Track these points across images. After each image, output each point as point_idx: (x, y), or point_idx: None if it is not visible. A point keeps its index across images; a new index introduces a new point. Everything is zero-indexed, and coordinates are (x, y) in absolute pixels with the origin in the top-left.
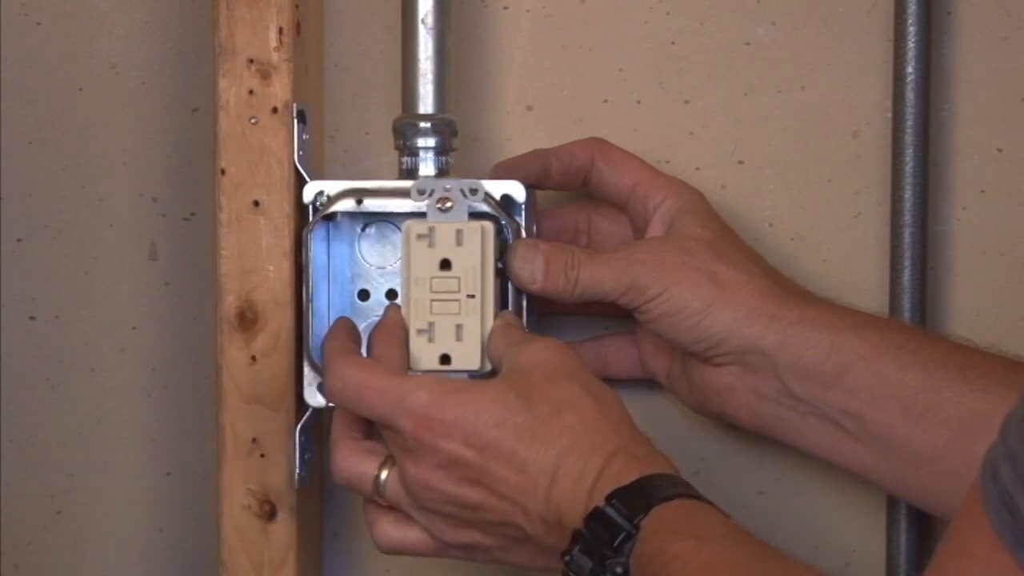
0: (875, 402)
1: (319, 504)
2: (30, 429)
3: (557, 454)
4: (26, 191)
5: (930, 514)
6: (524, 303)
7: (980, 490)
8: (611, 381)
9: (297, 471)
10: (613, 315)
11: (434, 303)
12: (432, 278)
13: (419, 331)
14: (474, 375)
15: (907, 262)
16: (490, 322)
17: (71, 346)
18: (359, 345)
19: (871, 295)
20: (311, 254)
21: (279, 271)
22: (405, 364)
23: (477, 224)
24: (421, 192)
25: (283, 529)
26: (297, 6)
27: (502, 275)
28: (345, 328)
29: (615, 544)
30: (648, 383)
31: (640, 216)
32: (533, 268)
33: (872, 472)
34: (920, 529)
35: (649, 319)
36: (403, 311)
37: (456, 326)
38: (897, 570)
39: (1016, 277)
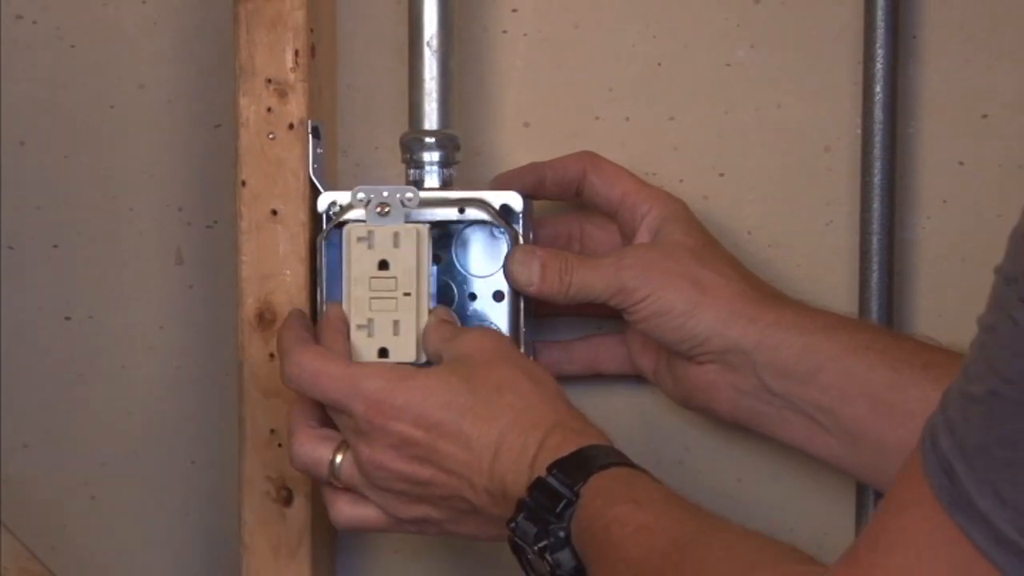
0: (845, 398)
1: None
2: (65, 421)
3: (499, 431)
4: (61, 201)
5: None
6: (521, 304)
7: (920, 456)
8: (602, 376)
9: None
10: (604, 316)
11: (373, 301)
12: (371, 277)
13: (359, 326)
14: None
15: (875, 267)
16: (425, 318)
17: (103, 344)
18: (310, 328)
19: (842, 297)
20: (324, 259)
21: (295, 275)
22: (348, 355)
23: (412, 227)
24: (361, 199)
25: (299, 513)
26: (312, 30)
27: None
28: (300, 318)
29: (557, 511)
30: (637, 378)
31: (628, 224)
32: (530, 272)
33: (843, 462)
34: None
35: (637, 320)
36: (344, 307)
37: (393, 322)
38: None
39: (976, 280)
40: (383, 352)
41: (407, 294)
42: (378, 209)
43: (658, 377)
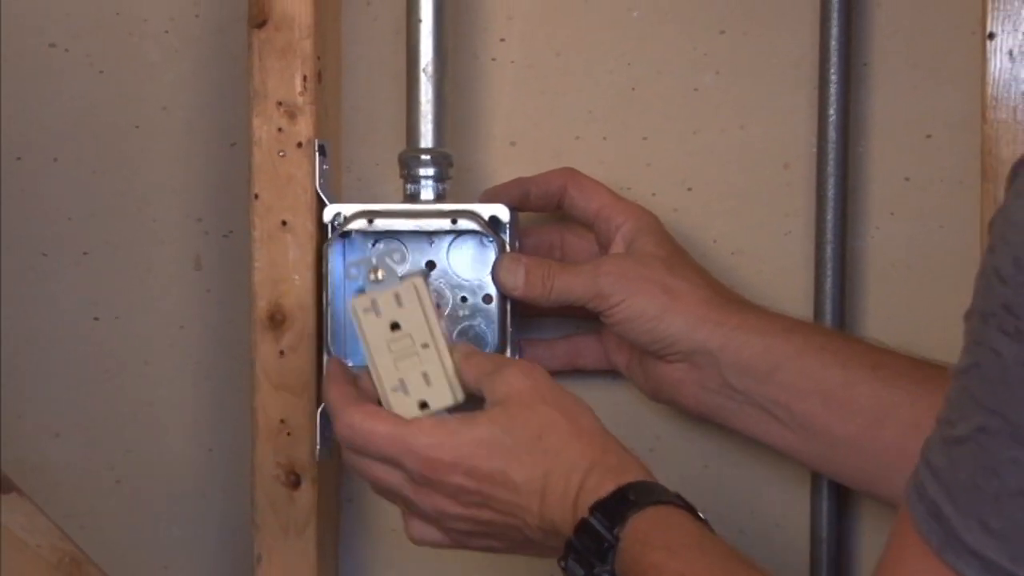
0: (800, 395)
1: (336, 475)
2: (93, 412)
3: (543, 475)
4: (90, 212)
5: (847, 487)
6: (508, 307)
7: (907, 509)
8: (581, 371)
9: (318, 447)
10: (583, 318)
11: (397, 363)
12: (388, 341)
13: (393, 389)
14: (452, 409)
15: (829, 272)
16: (448, 358)
17: (128, 343)
18: (351, 380)
19: (799, 302)
20: (330, 266)
21: (303, 280)
22: (358, 398)
23: (410, 283)
24: (354, 272)
25: (306, 496)
26: (319, 57)
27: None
28: (340, 369)
29: (601, 552)
30: (612, 373)
31: (605, 235)
32: (515, 277)
33: (797, 452)
34: (838, 499)
35: (612, 323)
36: (373, 375)
37: (422, 374)
38: (819, 531)
39: (921, 286)
40: (423, 405)
41: (425, 345)
42: (372, 277)
43: (631, 373)
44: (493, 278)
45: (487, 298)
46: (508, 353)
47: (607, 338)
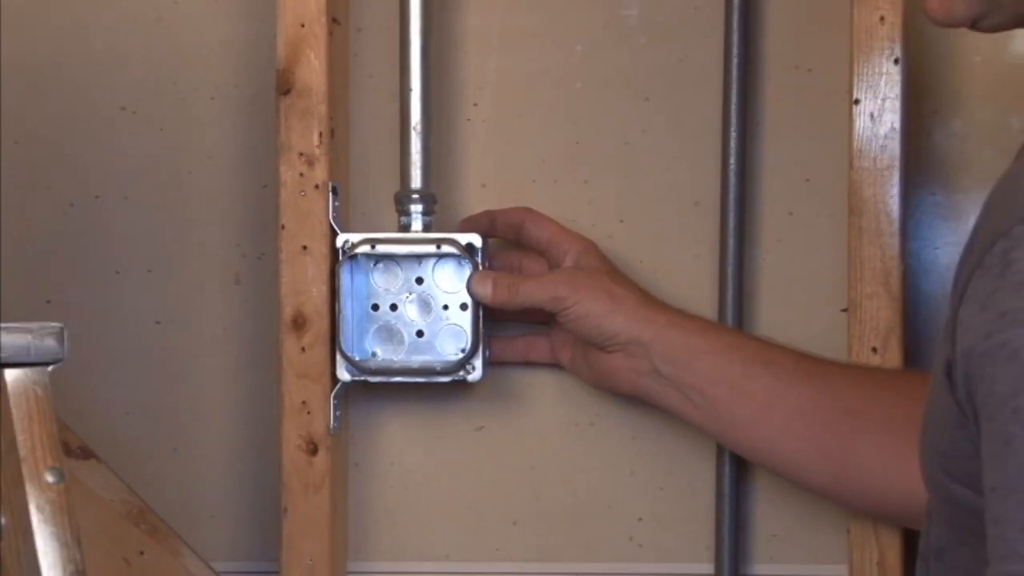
0: (711, 383)
1: (346, 444)
2: (155, 396)
3: None
4: (152, 239)
5: (743, 456)
6: (480, 312)
7: None
8: (533, 364)
9: (332, 423)
10: (538, 322)
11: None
12: None
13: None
14: None
15: (730, 288)
16: None
17: (183, 341)
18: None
19: (706, 310)
20: (340, 281)
21: (320, 292)
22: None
23: None
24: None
25: (322, 461)
26: (331, 118)
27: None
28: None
29: None
30: (558, 366)
31: (555, 258)
32: (485, 288)
33: (707, 428)
34: (738, 466)
35: (566, 320)
36: None
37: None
38: (723, 489)
39: (802, 297)
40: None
41: None
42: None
43: (574, 366)
44: (468, 290)
45: (463, 306)
46: (479, 346)
47: (554, 338)
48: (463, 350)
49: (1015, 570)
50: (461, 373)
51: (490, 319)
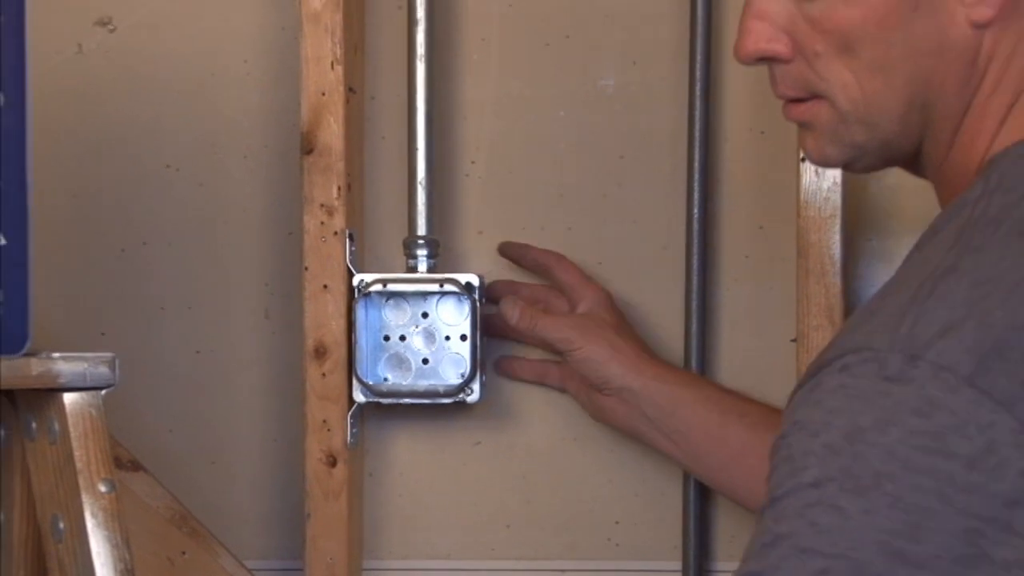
0: (691, 430)
1: (361, 457)
2: (194, 415)
3: None
4: (192, 279)
5: (723, 495)
6: (477, 342)
7: None
8: (543, 385)
9: (349, 439)
10: (555, 351)
11: None
12: None
13: None
14: None
15: (695, 320)
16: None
17: (220, 368)
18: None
19: (675, 341)
20: (356, 315)
21: (338, 325)
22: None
23: None
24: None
25: (340, 472)
26: (348, 174)
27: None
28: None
29: None
30: (563, 391)
31: (574, 302)
32: (512, 313)
33: (690, 468)
34: (703, 494)
35: (572, 361)
36: None
37: None
38: (688, 494)
39: (756, 328)
40: None
41: None
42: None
43: (579, 397)
44: (499, 312)
45: (463, 337)
46: (477, 372)
47: (565, 369)
48: (463, 375)
49: None
50: (461, 395)
51: (520, 341)
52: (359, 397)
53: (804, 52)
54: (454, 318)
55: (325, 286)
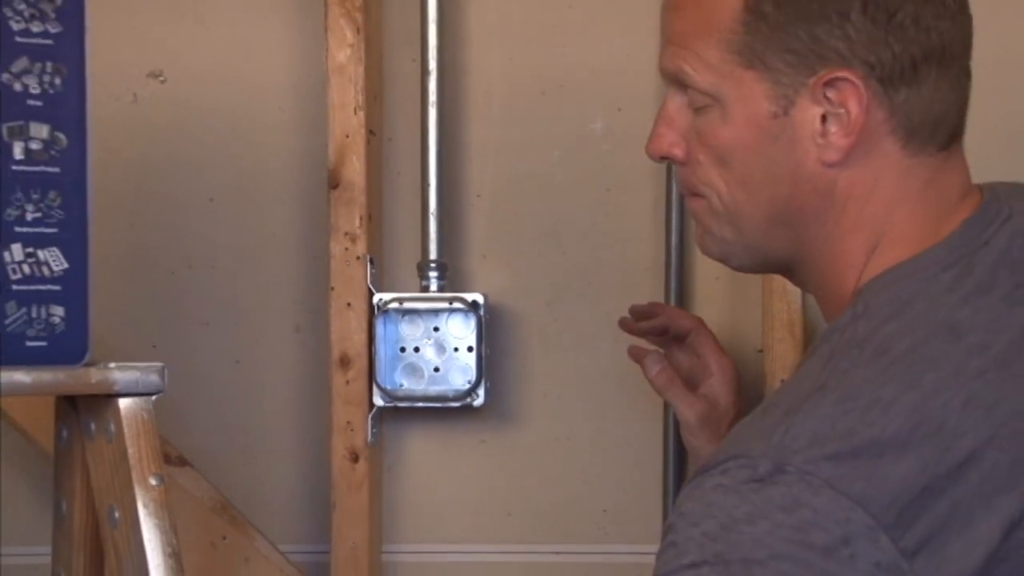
0: None
1: (380, 454)
2: (234, 417)
3: None
4: (232, 299)
5: None
6: (481, 354)
7: None
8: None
9: (369, 438)
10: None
11: None
12: None
13: None
14: None
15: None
16: None
17: (256, 377)
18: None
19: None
20: (376, 330)
21: (360, 339)
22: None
23: None
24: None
25: (362, 467)
26: (369, 205)
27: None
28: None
29: None
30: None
31: (704, 370)
32: (652, 368)
33: None
34: (680, 470)
35: (682, 432)
36: None
37: None
38: (667, 486)
39: (730, 341)
40: None
41: None
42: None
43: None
44: (644, 361)
45: (470, 348)
46: (482, 379)
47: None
48: (470, 382)
49: None
50: (468, 400)
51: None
52: (378, 401)
53: (692, 158)
54: (461, 331)
55: (349, 304)
